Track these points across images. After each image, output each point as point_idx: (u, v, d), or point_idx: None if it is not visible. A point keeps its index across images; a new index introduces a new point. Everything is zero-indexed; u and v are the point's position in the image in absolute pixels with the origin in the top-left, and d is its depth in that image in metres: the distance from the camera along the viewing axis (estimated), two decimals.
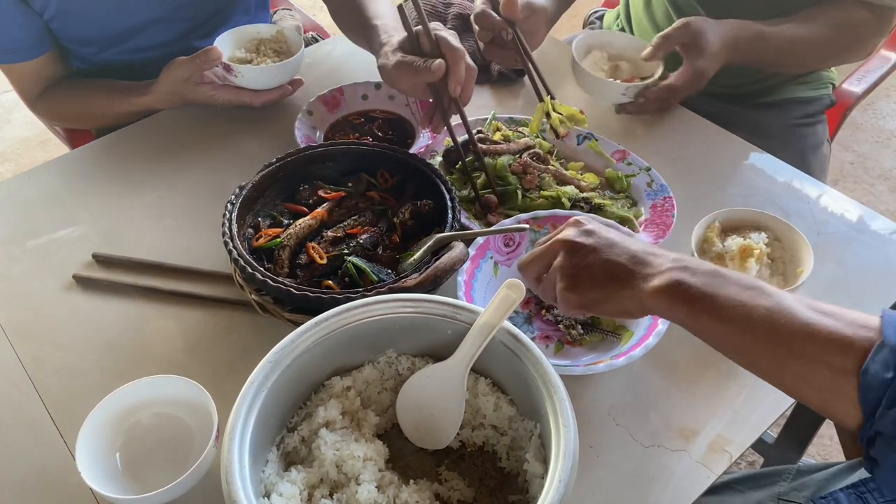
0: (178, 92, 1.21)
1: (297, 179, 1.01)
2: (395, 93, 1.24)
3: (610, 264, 0.73)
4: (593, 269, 0.73)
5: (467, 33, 1.38)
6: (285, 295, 0.83)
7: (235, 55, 1.26)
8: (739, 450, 0.82)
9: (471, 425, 0.77)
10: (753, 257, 0.92)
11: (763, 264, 0.93)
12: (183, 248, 1.03)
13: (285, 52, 1.28)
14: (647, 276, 0.70)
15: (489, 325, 0.72)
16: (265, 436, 0.71)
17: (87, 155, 1.21)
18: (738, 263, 0.93)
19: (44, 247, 1.04)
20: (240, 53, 1.27)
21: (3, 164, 2.73)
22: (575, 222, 0.78)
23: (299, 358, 0.72)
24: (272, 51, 1.28)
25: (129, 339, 0.93)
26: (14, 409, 0.86)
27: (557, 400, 0.66)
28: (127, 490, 0.75)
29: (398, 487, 0.71)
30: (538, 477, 0.69)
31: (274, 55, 1.27)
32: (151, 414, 0.80)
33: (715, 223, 0.97)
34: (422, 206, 0.97)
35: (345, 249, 0.92)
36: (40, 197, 1.12)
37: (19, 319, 0.95)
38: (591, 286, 0.73)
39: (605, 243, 0.74)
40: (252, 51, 1.28)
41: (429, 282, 0.83)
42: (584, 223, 0.78)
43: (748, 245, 0.93)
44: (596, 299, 0.74)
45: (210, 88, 1.21)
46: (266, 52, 1.27)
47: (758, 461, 1.75)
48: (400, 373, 0.79)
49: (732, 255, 0.94)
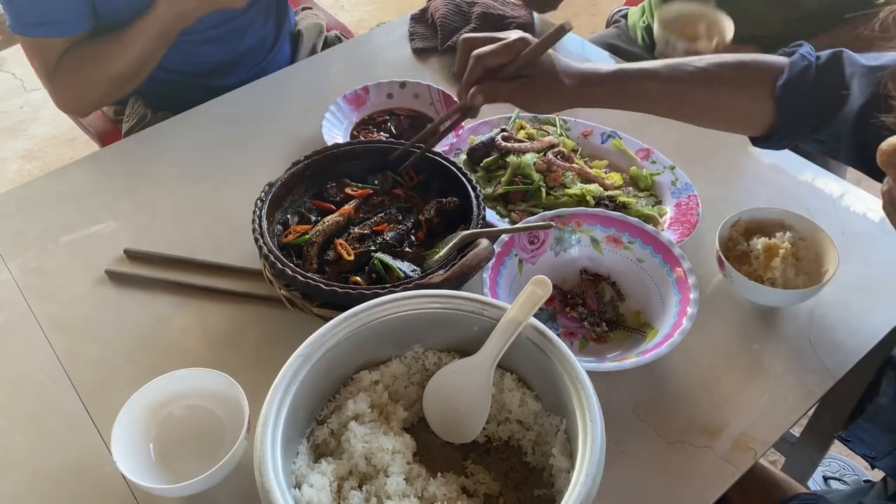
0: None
1: (325, 177, 1.02)
2: (419, 91, 1.25)
3: None
4: None
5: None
6: (314, 290, 0.84)
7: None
8: (764, 447, 0.83)
9: (496, 420, 0.78)
10: (779, 256, 0.92)
11: (788, 264, 0.93)
12: (212, 244, 1.05)
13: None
14: None
15: (516, 321, 0.73)
16: (296, 428, 0.72)
17: (117, 153, 1.24)
18: (763, 262, 0.93)
19: (76, 242, 1.07)
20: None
21: (32, 161, 2.77)
22: None
23: (329, 352, 0.73)
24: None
25: (160, 333, 0.95)
26: (50, 401, 0.88)
27: (584, 396, 0.67)
28: (161, 480, 0.77)
29: (426, 480, 0.72)
30: (564, 471, 0.70)
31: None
32: (184, 406, 0.82)
33: (740, 221, 0.97)
34: (447, 203, 0.98)
35: (371, 246, 0.94)
36: (72, 194, 1.15)
37: (54, 313, 0.97)
38: None
39: None
40: None
41: (455, 278, 0.84)
42: None
43: (773, 244, 0.93)
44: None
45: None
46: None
47: (779, 460, 1.75)
48: (427, 367, 0.80)
49: (757, 255, 0.94)
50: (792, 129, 0.94)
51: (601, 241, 0.98)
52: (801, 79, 0.91)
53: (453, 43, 1.38)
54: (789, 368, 0.89)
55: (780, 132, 0.94)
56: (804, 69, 0.91)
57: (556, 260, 0.99)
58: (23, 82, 3.09)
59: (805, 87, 0.91)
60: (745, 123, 0.98)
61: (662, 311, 0.91)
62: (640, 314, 0.94)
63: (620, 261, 0.97)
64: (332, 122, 1.20)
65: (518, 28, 1.38)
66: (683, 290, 0.89)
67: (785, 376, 0.89)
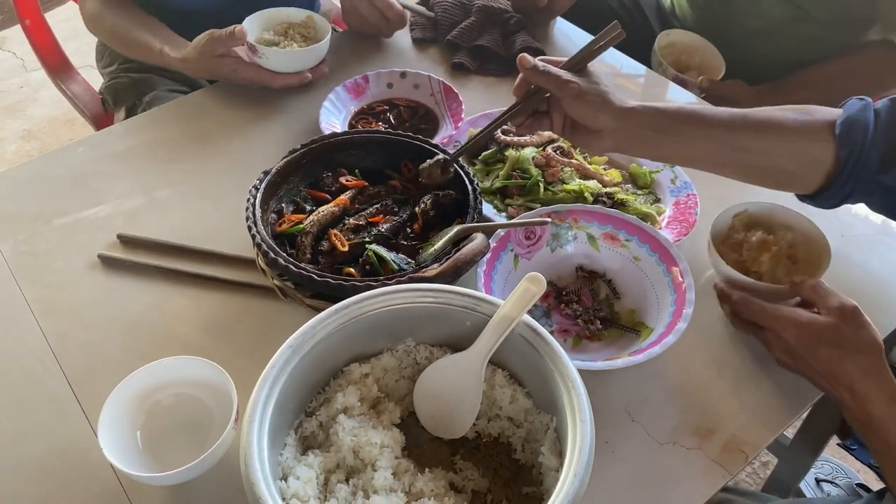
0: (204, 62, 1.22)
1: (321, 166, 1.02)
2: (420, 82, 1.24)
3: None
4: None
5: (491, 27, 1.38)
6: (307, 281, 0.84)
7: (263, 37, 1.27)
8: (755, 450, 0.82)
9: (486, 416, 0.78)
10: (770, 252, 0.91)
11: (780, 263, 0.92)
12: (206, 231, 1.04)
13: (312, 37, 1.29)
14: None
15: (509, 317, 0.72)
16: (283, 420, 0.71)
17: (114, 136, 1.23)
18: (753, 255, 0.93)
19: (70, 226, 1.06)
20: (267, 35, 1.28)
21: (30, 141, 2.76)
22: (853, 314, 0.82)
23: (319, 344, 0.72)
24: (300, 35, 1.29)
25: (151, 320, 0.94)
26: (38, 385, 0.88)
27: (575, 395, 0.67)
28: (147, 468, 0.76)
29: (414, 475, 0.71)
30: (553, 470, 0.70)
31: (301, 40, 1.28)
32: (172, 394, 0.81)
33: (746, 212, 0.97)
34: (444, 196, 0.97)
35: (366, 237, 0.93)
36: (67, 176, 1.14)
37: (45, 296, 0.97)
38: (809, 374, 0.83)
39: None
40: (280, 34, 1.29)
41: (449, 272, 0.83)
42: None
43: (769, 240, 0.92)
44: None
45: (235, 62, 1.22)
46: (294, 35, 1.28)
47: (772, 461, 1.75)
48: (418, 362, 0.79)
49: (750, 246, 0.93)
50: (855, 169, 0.87)
51: (598, 238, 0.97)
52: (862, 114, 0.87)
53: (453, 37, 1.36)
54: (784, 371, 0.89)
55: (844, 175, 0.88)
56: (863, 107, 0.88)
57: (552, 256, 0.98)
58: (23, 62, 3.08)
59: (866, 122, 0.87)
60: (803, 171, 0.91)
61: (657, 311, 0.90)
62: (634, 313, 0.94)
63: (617, 258, 0.97)
64: (331, 111, 1.19)
65: (517, 24, 1.37)
66: (679, 291, 0.89)
67: (779, 379, 0.88)
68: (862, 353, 0.79)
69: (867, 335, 0.80)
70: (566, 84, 0.88)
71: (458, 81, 1.30)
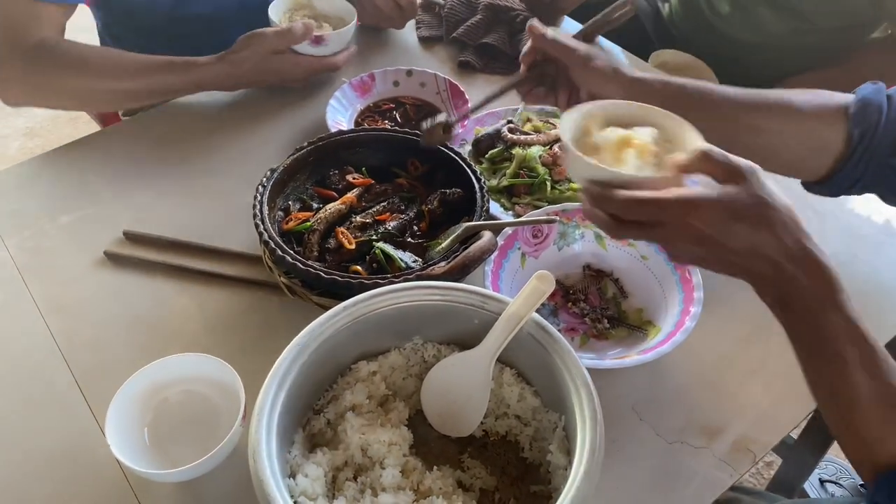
0: (262, 64, 1.16)
1: (328, 164, 1.01)
2: (426, 80, 1.24)
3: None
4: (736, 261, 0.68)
5: (497, 25, 1.38)
6: (314, 278, 0.83)
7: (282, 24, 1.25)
8: (763, 450, 0.82)
9: (494, 414, 0.77)
10: (633, 147, 0.77)
11: (647, 162, 0.77)
12: (213, 228, 1.04)
13: (322, 17, 1.31)
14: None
15: (517, 315, 0.72)
16: (292, 417, 0.71)
17: (119, 134, 1.23)
18: (613, 154, 0.77)
19: (75, 223, 1.06)
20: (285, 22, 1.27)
21: (33, 139, 2.76)
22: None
23: (327, 342, 0.72)
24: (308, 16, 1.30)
25: (158, 317, 0.94)
26: (45, 382, 0.88)
27: (584, 393, 0.66)
28: (154, 465, 0.76)
29: (422, 473, 0.71)
30: (561, 468, 0.70)
31: (323, 20, 1.30)
32: (180, 391, 0.81)
33: (598, 113, 0.82)
34: (451, 194, 0.97)
35: (373, 235, 0.93)
36: (72, 173, 1.14)
37: (51, 293, 0.97)
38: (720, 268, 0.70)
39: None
40: (289, 20, 1.28)
41: (457, 270, 0.83)
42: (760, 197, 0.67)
43: (628, 136, 0.78)
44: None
45: (294, 56, 1.20)
46: (311, 18, 1.29)
47: (776, 461, 1.74)
48: (426, 360, 0.79)
49: (609, 147, 0.78)
50: (868, 151, 0.84)
51: (605, 236, 0.97)
52: (877, 96, 0.85)
53: (459, 35, 1.36)
54: (792, 370, 0.88)
55: (855, 156, 0.85)
56: (877, 90, 0.86)
57: (559, 255, 0.98)
58: None
59: (881, 104, 0.84)
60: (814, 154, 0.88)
61: (665, 310, 0.90)
62: (642, 312, 0.94)
63: (624, 257, 0.97)
64: (337, 109, 1.19)
65: (523, 22, 1.37)
66: (687, 289, 0.88)
67: (788, 378, 0.88)
68: (779, 211, 0.67)
69: (777, 194, 0.68)
70: (576, 52, 0.88)
71: (465, 80, 1.30)
